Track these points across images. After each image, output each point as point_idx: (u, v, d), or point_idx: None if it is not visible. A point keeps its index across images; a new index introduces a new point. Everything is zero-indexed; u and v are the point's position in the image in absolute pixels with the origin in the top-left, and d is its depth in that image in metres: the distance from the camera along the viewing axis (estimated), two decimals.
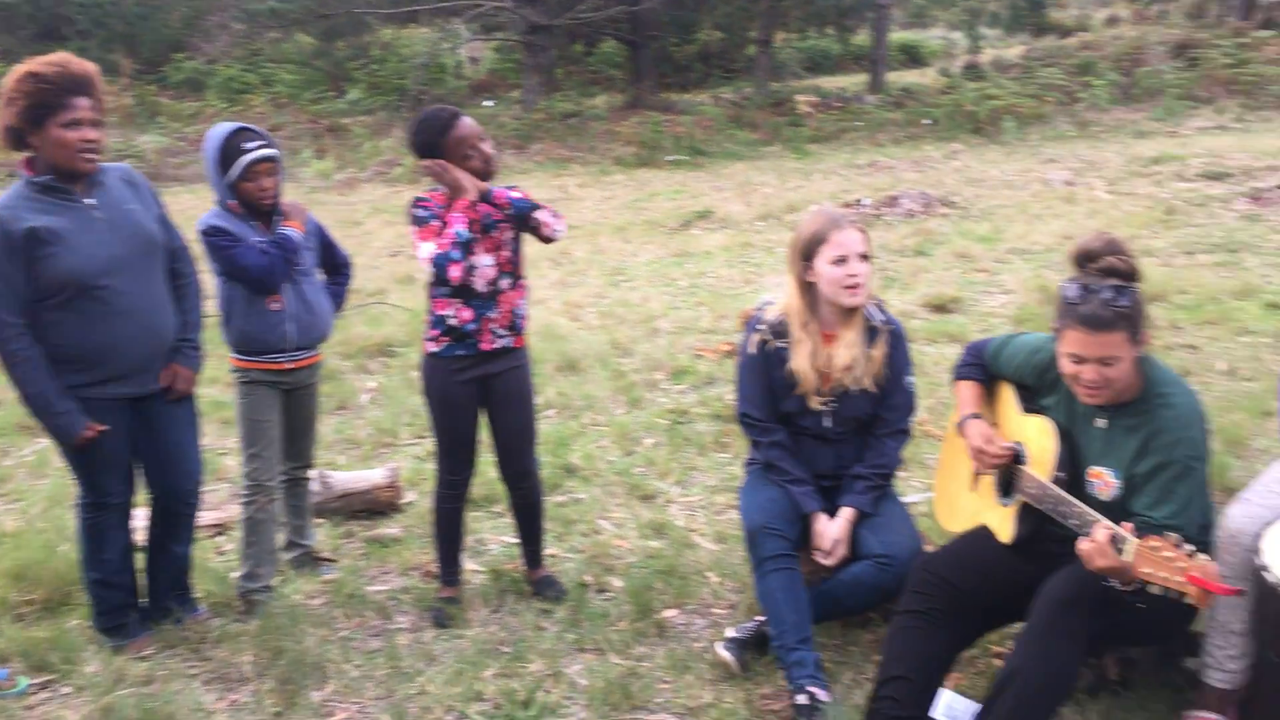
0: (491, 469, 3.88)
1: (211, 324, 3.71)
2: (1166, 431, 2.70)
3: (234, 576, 3.91)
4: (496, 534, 4.34)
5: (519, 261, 3.58)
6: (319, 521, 4.43)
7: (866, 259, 3.31)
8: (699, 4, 25.02)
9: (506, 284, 3.53)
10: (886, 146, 16.76)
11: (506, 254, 3.52)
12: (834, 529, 3.33)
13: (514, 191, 3.47)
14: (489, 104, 22.22)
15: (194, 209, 4.63)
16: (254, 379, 3.73)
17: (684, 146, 17.66)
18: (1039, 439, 2.93)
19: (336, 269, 4.05)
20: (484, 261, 3.45)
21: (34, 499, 4.83)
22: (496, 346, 3.55)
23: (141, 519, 3.62)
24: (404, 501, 4.67)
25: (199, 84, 23.61)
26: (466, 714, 3.15)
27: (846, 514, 3.35)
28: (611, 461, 5.07)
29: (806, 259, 3.34)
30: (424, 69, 22.17)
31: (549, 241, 3.51)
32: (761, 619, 3.30)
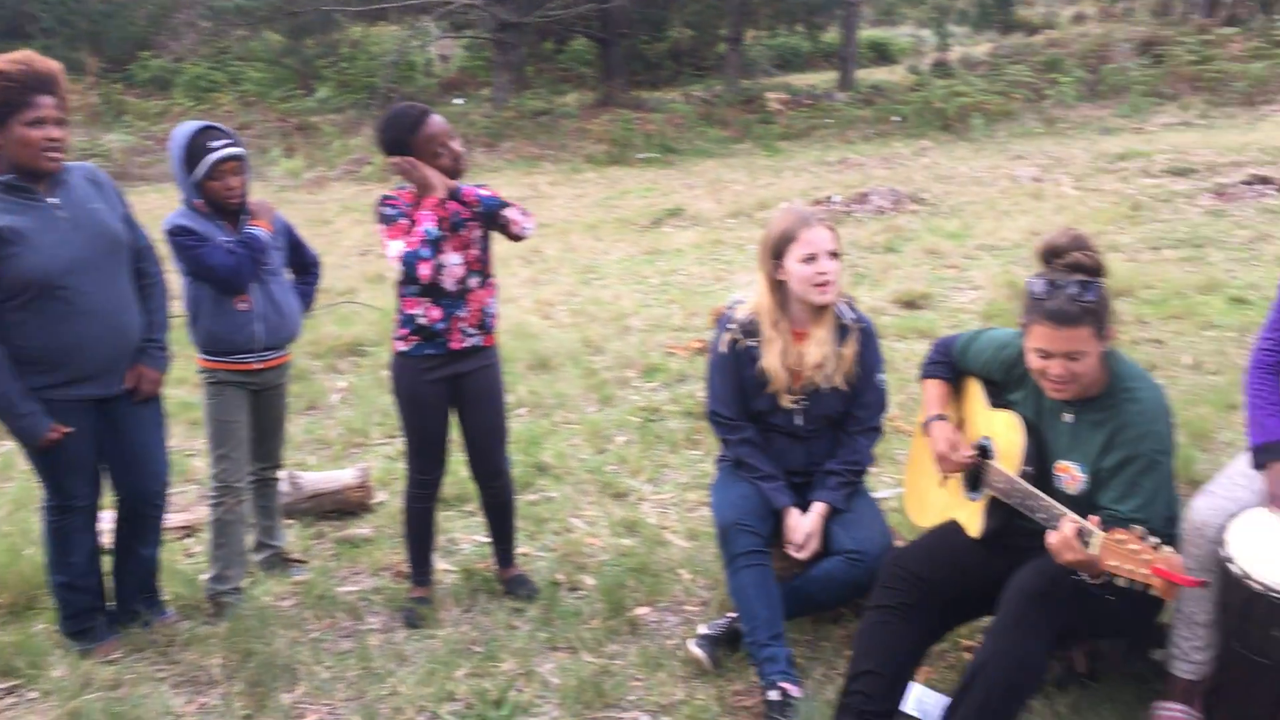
0: (463, 468, 3.87)
1: (178, 324, 3.68)
2: (1132, 426, 2.73)
3: (203, 578, 3.88)
4: (468, 533, 4.33)
5: (488, 260, 3.57)
6: (289, 522, 4.41)
7: (836, 257, 3.32)
8: (669, 2, 25.08)
9: (475, 282, 3.52)
10: (856, 144, 16.83)
11: (475, 252, 3.50)
12: (806, 523, 3.34)
13: (483, 189, 3.46)
14: (459, 102, 22.16)
15: (161, 208, 4.58)
16: (222, 379, 3.71)
17: (655, 144, 17.68)
18: (1006, 434, 2.95)
19: (305, 268, 4.02)
20: (452, 260, 3.44)
21: None
22: (466, 345, 3.54)
23: (108, 521, 3.59)
24: (375, 501, 4.65)
25: (165, 82, 23.44)
26: (438, 714, 3.14)
27: (819, 508, 3.36)
28: (583, 460, 5.07)
29: (776, 257, 3.35)
30: (394, 67, 22.08)
31: (518, 239, 3.50)
32: (733, 615, 3.31)
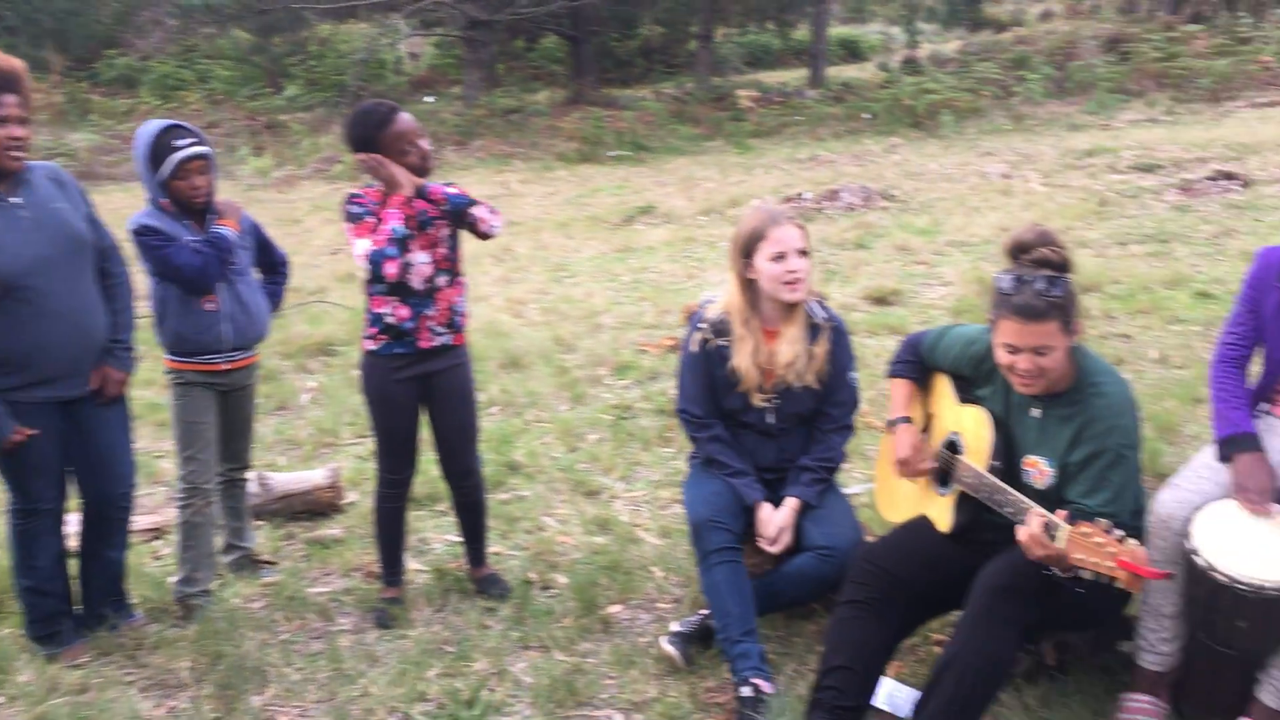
0: (434, 467, 3.86)
1: (145, 324, 3.65)
2: (1099, 420, 2.75)
3: (171, 581, 3.85)
4: (440, 533, 4.31)
5: (457, 259, 3.56)
6: (259, 524, 4.38)
7: (805, 255, 3.33)
8: None
9: (444, 281, 3.50)
10: (827, 141, 16.88)
11: (443, 251, 3.49)
12: (779, 517, 3.35)
13: (450, 188, 3.44)
14: (430, 100, 22.07)
15: (127, 207, 4.54)
16: (189, 380, 3.68)
17: (626, 142, 17.66)
18: (975, 429, 2.97)
19: (273, 268, 4.00)
20: (420, 259, 3.42)
21: None
22: (435, 344, 3.52)
23: (74, 524, 3.55)
24: (345, 502, 4.63)
25: (132, 81, 23.23)
26: (410, 714, 3.13)
27: (791, 503, 3.37)
28: (555, 458, 5.06)
29: (746, 256, 3.35)
30: (363, 65, 21.96)
31: (486, 238, 3.49)
32: (705, 613, 3.32)
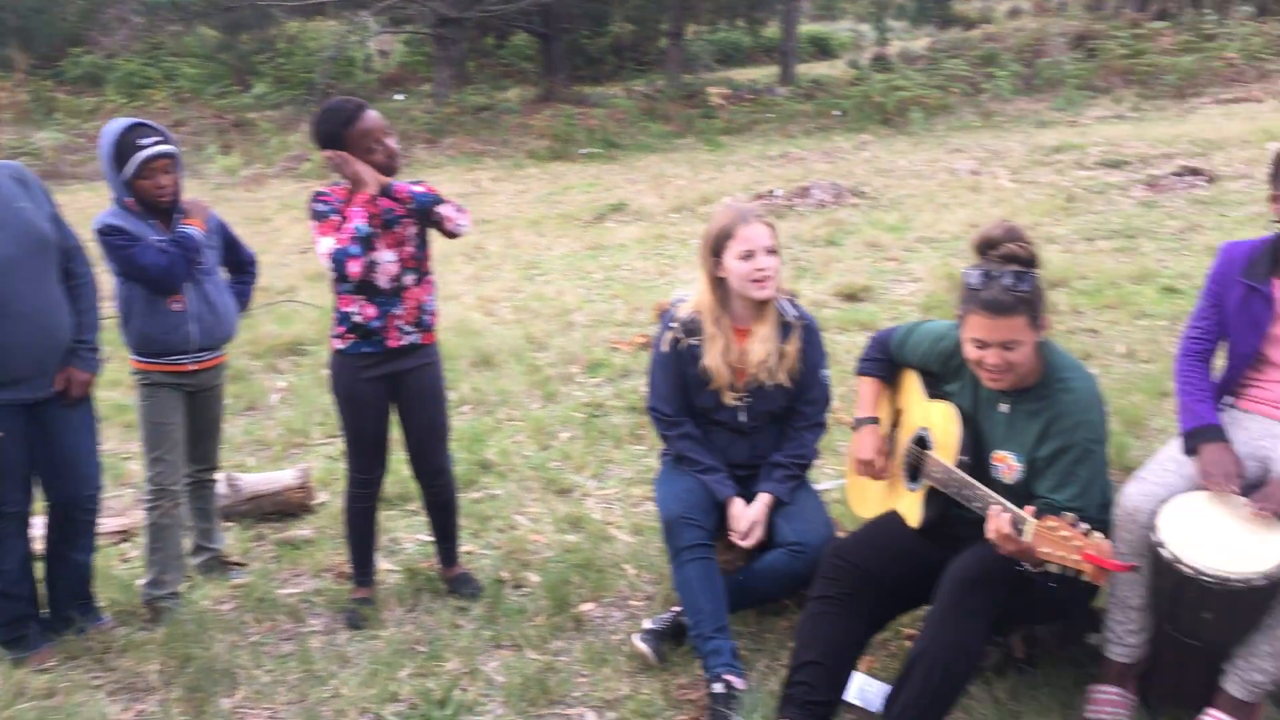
0: (405, 467, 3.84)
1: (111, 325, 3.62)
2: (1067, 415, 2.77)
3: (139, 583, 3.81)
4: (411, 532, 4.29)
5: (424, 257, 3.54)
6: (228, 525, 4.35)
7: (774, 253, 3.34)
8: None
9: (411, 280, 3.48)
10: (797, 138, 16.92)
11: (410, 249, 3.47)
12: (751, 511, 3.36)
13: (417, 186, 3.42)
14: (399, 98, 21.96)
15: (94, 207, 4.50)
16: (156, 381, 3.64)
17: (597, 139, 17.64)
18: (943, 424, 2.98)
19: (241, 267, 3.97)
20: (386, 257, 3.40)
21: None
22: (404, 343, 3.51)
23: (40, 527, 3.51)
24: (316, 502, 4.60)
25: (98, 79, 22.99)
26: (382, 715, 3.12)
27: (764, 499, 3.38)
28: (527, 456, 5.05)
29: (715, 254, 3.36)
30: (332, 62, 21.82)
31: (453, 236, 3.47)
32: (678, 610, 3.32)
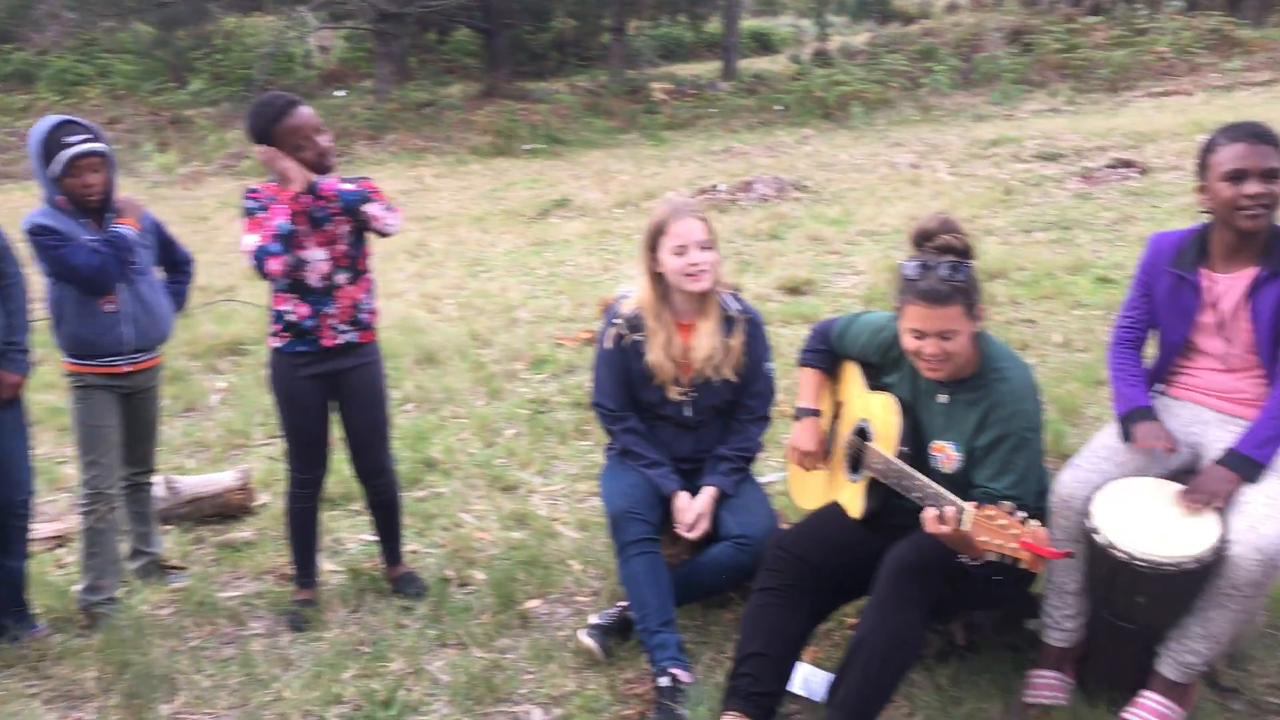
0: (346, 466, 3.81)
1: (43, 327, 3.54)
2: (1003, 405, 2.82)
3: (75, 589, 3.74)
4: (354, 532, 4.26)
5: (360, 255, 3.49)
6: (166, 528, 4.28)
7: (708, 248, 3.35)
8: None
9: (344, 279, 3.44)
10: (740, 132, 17.00)
11: (343, 248, 3.43)
12: (697, 504, 3.37)
13: (345, 184, 3.35)
14: (340, 94, 21.74)
15: (27, 206, 4.41)
16: (89, 383, 3.58)
17: (541, 135, 17.60)
18: (883, 415, 3.02)
19: (177, 266, 3.90)
20: (316, 255, 3.37)
21: None
22: (340, 342, 3.47)
23: None
24: (257, 504, 4.54)
25: (29, 76, 22.51)
26: (325, 718, 3.09)
27: (709, 491, 3.40)
28: (472, 454, 5.03)
29: (652, 250, 3.38)
30: (270, 58, 21.53)
31: (384, 235, 3.42)
32: (624, 604, 3.33)
